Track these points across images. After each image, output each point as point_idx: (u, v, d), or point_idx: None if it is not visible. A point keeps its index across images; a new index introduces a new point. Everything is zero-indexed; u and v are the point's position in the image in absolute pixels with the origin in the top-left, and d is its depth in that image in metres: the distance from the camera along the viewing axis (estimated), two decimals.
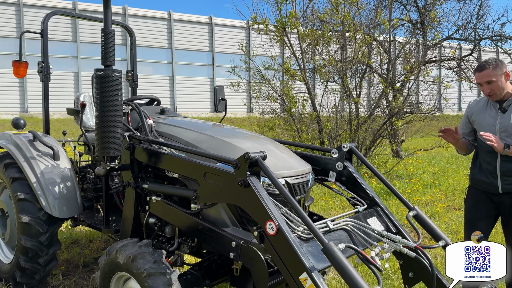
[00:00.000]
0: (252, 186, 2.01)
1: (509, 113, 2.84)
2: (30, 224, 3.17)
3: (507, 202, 2.90)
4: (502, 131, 2.85)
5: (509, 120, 2.83)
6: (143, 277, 2.19)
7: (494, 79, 2.80)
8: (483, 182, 2.97)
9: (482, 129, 2.91)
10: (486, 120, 2.93)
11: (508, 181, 2.86)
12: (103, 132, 2.45)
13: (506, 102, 2.86)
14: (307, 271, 1.79)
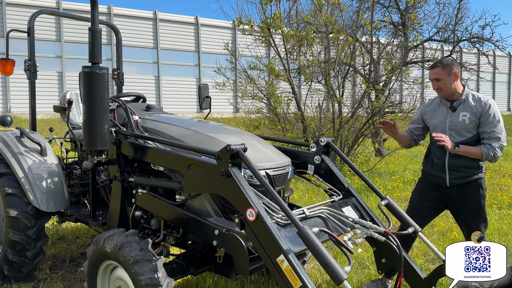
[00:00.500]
0: (234, 176, 2.14)
1: (458, 112, 3.06)
2: (18, 218, 3.23)
3: (453, 195, 3.13)
4: (452, 129, 3.08)
5: (458, 118, 3.05)
6: (129, 264, 2.30)
7: (441, 77, 3.05)
8: (433, 175, 3.19)
9: (435, 127, 3.15)
10: (438, 118, 3.15)
11: (455, 176, 3.09)
12: (91, 127, 2.55)
13: (456, 101, 3.10)
14: (284, 253, 1.93)
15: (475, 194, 3.11)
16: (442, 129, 3.12)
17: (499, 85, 32.61)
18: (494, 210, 5.98)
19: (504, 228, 4.96)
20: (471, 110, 3.04)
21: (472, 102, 3.07)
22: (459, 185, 3.11)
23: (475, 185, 3.11)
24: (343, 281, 1.77)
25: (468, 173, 3.08)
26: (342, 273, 1.77)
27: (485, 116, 3.00)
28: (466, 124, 3.04)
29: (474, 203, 3.12)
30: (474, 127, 3.04)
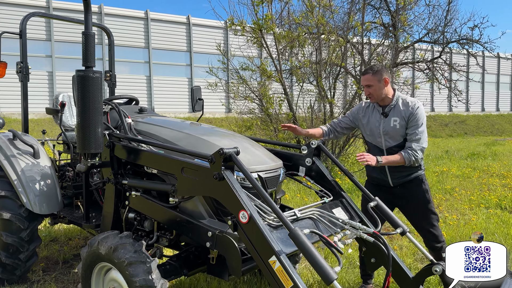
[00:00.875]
0: (226, 179, 2.19)
1: (390, 118, 3.17)
2: (11, 221, 3.25)
3: (399, 194, 3.26)
4: (385, 134, 3.19)
5: (389, 124, 3.16)
6: (124, 265, 2.33)
7: (372, 83, 3.15)
8: (377, 178, 3.30)
9: (369, 131, 3.27)
10: (372, 123, 3.25)
11: (396, 176, 3.20)
12: (84, 130, 2.57)
13: (387, 107, 3.20)
14: (276, 254, 1.98)
15: (418, 190, 3.24)
16: (377, 134, 3.24)
17: (488, 85, 33.05)
18: (482, 209, 6.10)
19: (491, 227, 5.07)
20: (400, 114, 3.15)
21: (401, 106, 3.17)
22: (402, 184, 3.23)
23: (417, 182, 3.24)
24: (333, 281, 1.82)
25: (408, 172, 3.20)
26: (332, 273, 1.83)
27: (411, 119, 3.12)
28: (397, 129, 3.15)
29: (419, 198, 3.24)
30: (405, 131, 3.16)
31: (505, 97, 34.79)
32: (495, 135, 26.66)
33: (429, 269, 2.48)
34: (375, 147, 3.27)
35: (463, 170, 9.87)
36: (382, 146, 3.23)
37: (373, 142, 3.28)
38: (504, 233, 4.83)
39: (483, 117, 30.62)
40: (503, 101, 34.55)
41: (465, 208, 6.21)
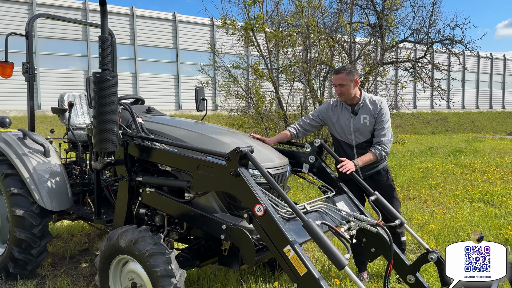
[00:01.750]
0: (242, 175, 2.37)
1: (359, 116, 3.41)
2: (24, 217, 3.35)
3: (370, 185, 3.38)
4: (356, 131, 3.43)
5: (360, 121, 3.41)
6: (145, 257, 2.48)
7: (345, 83, 3.36)
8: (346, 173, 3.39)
9: (340, 129, 3.48)
10: (342, 121, 3.46)
11: (365, 169, 3.44)
12: (101, 129, 2.70)
13: (356, 106, 3.44)
14: (290, 244, 2.17)
15: (385, 179, 3.53)
16: (348, 131, 3.46)
17: (468, 84, 33.92)
18: (466, 203, 6.41)
19: (476, 220, 5.37)
20: (370, 112, 3.40)
21: (369, 105, 3.43)
22: (371, 175, 3.49)
23: (383, 172, 3.53)
24: (345, 266, 2.02)
25: (375, 164, 3.46)
26: (344, 260, 2.03)
27: (378, 115, 3.38)
28: (367, 125, 3.40)
29: (386, 187, 3.51)
30: (373, 127, 3.42)
31: (484, 95, 35.78)
32: (475, 132, 27.45)
33: (425, 257, 2.71)
34: (345, 143, 3.49)
35: (447, 166, 10.25)
36: (352, 142, 3.46)
37: (343, 139, 3.49)
38: (488, 225, 5.13)
39: (464, 114, 31.47)
40: (482, 99, 35.54)
41: (450, 202, 6.52)
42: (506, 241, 4.54)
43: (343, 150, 3.50)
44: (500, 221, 5.32)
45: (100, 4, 2.76)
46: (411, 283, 2.75)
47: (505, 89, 37.30)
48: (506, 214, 5.66)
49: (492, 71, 35.98)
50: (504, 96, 37.30)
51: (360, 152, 3.42)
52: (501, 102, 37.12)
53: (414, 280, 2.74)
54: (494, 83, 36.34)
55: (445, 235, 4.73)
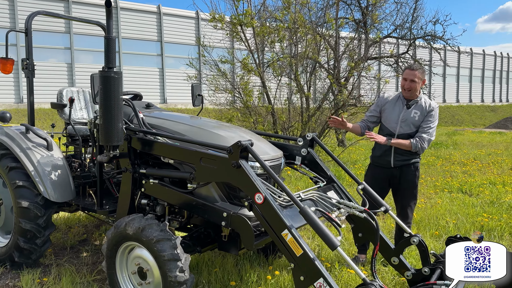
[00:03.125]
0: (243, 167, 2.57)
1: (411, 110, 3.75)
2: (29, 208, 3.49)
3: (395, 174, 3.84)
4: (403, 121, 3.77)
5: (410, 114, 3.75)
6: (152, 243, 2.68)
7: (417, 80, 3.70)
8: (381, 158, 3.85)
9: (389, 118, 3.83)
10: (395, 111, 3.82)
11: (398, 158, 3.77)
12: (107, 124, 2.87)
13: (412, 101, 3.79)
14: (288, 228, 2.39)
15: (412, 174, 3.83)
16: (394, 120, 3.80)
17: (449, 78, 34.71)
18: (446, 193, 6.77)
19: (454, 208, 5.71)
20: (421, 109, 3.75)
21: (423, 104, 3.77)
22: (400, 166, 3.79)
23: (413, 168, 3.83)
24: (337, 247, 2.26)
25: (408, 157, 3.78)
26: (336, 241, 2.27)
27: (428, 116, 3.73)
28: (415, 120, 3.74)
29: (410, 182, 3.83)
30: (419, 124, 3.74)
31: (464, 89, 36.71)
32: (455, 125, 28.21)
33: (408, 241, 2.98)
34: (388, 130, 3.82)
35: (428, 158, 10.65)
36: (395, 131, 3.78)
37: (388, 127, 3.83)
38: (465, 213, 5.48)
39: (444, 108, 32.24)
40: (462, 93, 36.46)
41: (431, 192, 6.87)
42: (481, 228, 4.88)
43: (385, 135, 3.79)
44: (477, 209, 5.68)
45: (106, 5, 2.91)
46: (395, 264, 3.02)
47: (484, 83, 38.33)
48: (482, 203, 6.03)
49: (472, 65, 36.90)
50: (483, 90, 38.33)
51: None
52: (480, 96, 38.14)
53: (398, 261, 3.01)
54: (473, 77, 37.30)
55: (426, 223, 5.04)
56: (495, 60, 39.24)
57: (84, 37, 19.93)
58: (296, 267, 2.37)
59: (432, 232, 4.72)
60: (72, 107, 3.91)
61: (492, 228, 4.81)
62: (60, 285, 3.35)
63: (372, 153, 4.02)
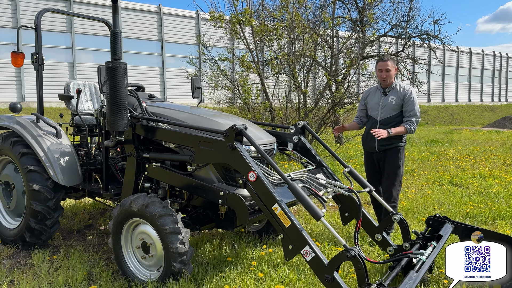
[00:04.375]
0: (238, 148, 2.83)
1: (388, 96, 4.13)
2: (40, 191, 3.76)
3: (380, 157, 4.21)
4: (382, 108, 4.16)
5: (387, 100, 4.13)
6: (155, 218, 2.93)
7: (390, 69, 4.10)
8: (367, 145, 4.27)
9: (372, 107, 4.23)
10: (374, 100, 4.22)
11: (381, 143, 4.14)
12: (113, 111, 3.13)
13: (388, 88, 4.17)
14: (278, 202, 2.65)
15: (394, 156, 4.16)
16: (376, 108, 4.20)
17: (448, 77, 34.98)
18: (437, 185, 7.02)
19: (443, 198, 5.96)
20: (397, 95, 4.11)
21: (398, 89, 4.14)
22: (384, 150, 4.16)
23: (395, 151, 4.16)
24: (321, 217, 2.51)
25: (391, 142, 4.13)
26: (320, 212, 2.52)
27: (406, 100, 4.07)
28: (392, 104, 4.12)
29: (393, 163, 4.16)
30: (398, 107, 4.11)
31: (464, 89, 36.93)
32: (454, 125, 28.44)
33: (390, 219, 3.24)
34: (372, 118, 4.23)
35: (423, 154, 10.90)
36: (377, 117, 4.18)
37: (371, 115, 4.25)
38: (453, 202, 5.73)
39: (443, 107, 32.49)
40: (461, 93, 36.68)
41: (422, 184, 7.12)
42: (467, 215, 5.13)
43: (370, 123, 4.26)
44: (464, 199, 5.93)
45: (112, 2, 3.18)
46: (379, 240, 3.29)
47: (483, 83, 38.56)
48: (470, 194, 6.28)
49: (471, 65, 37.15)
50: (482, 90, 38.57)
51: (382, 126, 4.10)
52: (479, 95, 38.37)
53: (381, 238, 3.27)
54: (472, 77, 37.54)
55: (414, 210, 5.30)
56: (494, 60, 39.49)
57: (85, 36, 20.22)
58: (285, 237, 2.63)
59: (419, 219, 4.97)
60: (79, 98, 4.17)
61: (476, 214, 5.06)
62: (69, 262, 3.61)
63: (362, 140, 4.41)
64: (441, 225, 3.26)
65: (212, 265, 3.46)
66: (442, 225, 3.25)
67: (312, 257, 2.51)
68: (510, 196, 6.00)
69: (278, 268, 3.36)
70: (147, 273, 3.15)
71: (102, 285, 3.16)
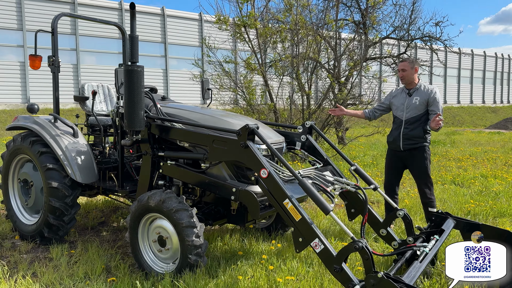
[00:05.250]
0: (250, 146, 2.99)
1: (413, 97, 4.28)
2: (58, 188, 3.92)
3: (406, 157, 4.36)
4: (407, 108, 4.31)
5: (412, 101, 4.27)
6: (172, 212, 3.09)
7: (406, 69, 4.27)
8: (392, 143, 4.41)
9: (397, 107, 4.38)
10: (400, 101, 4.38)
11: (406, 143, 4.28)
12: (131, 112, 3.29)
13: (413, 89, 4.34)
14: (288, 198, 2.80)
15: (420, 156, 4.30)
16: (401, 108, 4.35)
17: (450, 79, 35.08)
18: (439, 185, 7.16)
19: (445, 196, 6.11)
20: (421, 95, 4.27)
21: (422, 89, 4.31)
22: (409, 149, 4.29)
23: (420, 150, 4.30)
24: (330, 211, 2.67)
25: (416, 141, 4.27)
26: (329, 206, 2.68)
27: (432, 99, 4.23)
28: (417, 105, 4.26)
29: (419, 163, 4.31)
30: (422, 107, 4.25)
31: (465, 91, 37.02)
32: (456, 126, 28.55)
33: (394, 214, 3.40)
34: (397, 118, 4.39)
35: None
36: (403, 117, 4.32)
37: (397, 115, 4.40)
38: (455, 201, 5.87)
39: (445, 109, 32.57)
40: (463, 94, 36.78)
41: None
42: (468, 213, 5.28)
43: (395, 123, 4.41)
44: (466, 198, 6.08)
45: (130, 7, 3.35)
46: (384, 235, 3.44)
47: (485, 84, 38.65)
48: (471, 193, 6.43)
49: (473, 67, 37.26)
50: (484, 91, 38.65)
51: (407, 126, 4.26)
52: (481, 97, 38.46)
53: (385, 233, 3.42)
54: (474, 78, 37.63)
55: (417, 208, 5.44)
56: (496, 62, 39.58)
57: (89, 38, 20.45)
58: (296, 230, 2.78)
59: (422, 216, 5.12)
60: (94, 99, 4.34)
61: (477, 212, 5.21)
62: (87, 256, 3.77)
63: (387, 139, 4.57)
64: (443, 220, 3.41)
65: (224, 259, 3.62)
66: (444, 220, 3.40)
67: (322, 249, 2.66)
68: (510, 195, 6.15)
69: (288, 262, 3.52)
70: (163, 265, 3.31)
71: (120, 277, 3.32)
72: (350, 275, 2.54)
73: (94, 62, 21.00)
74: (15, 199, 4.48)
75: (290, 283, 3.08)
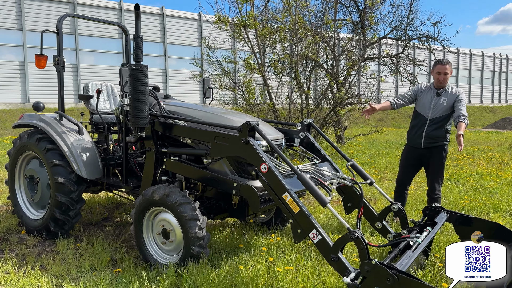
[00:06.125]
0: (251, 142, 3.12)
1: (441, 97, 4.46)
2: (64, 184, 4.05)
3: (425, 154, 4.54)
4: (433, 107, 4.48)
5: (439, 101, 4.46)
6: (176, 206, 3.22)
7: (448, 72, 4.48)
8: (413, 140, 4.58)
9: (423, 105, 4.54)
10: (427, 99, 4.54)
11: (427, 141, 4.47)
12: (135, 109, 3.43)
13: (441, 90, 4.52)
14: (287, 191, 2.93)
15: (439, 154, 4.52)
16: (428, 106, 4.51)
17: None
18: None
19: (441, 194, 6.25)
20: (449, 96, 4.46)
21: (450, 91, 4.50)
22: (429, 147, 4.50)
23: (440, 149, 4.54)
24: (327, 204, 2.80)
25: (436, 140, 4.48)
26: (326, 199, 2.81)
27: (458, 101, 4.41)
28: (444, 105, 4.46)
29: (437, 160, 4.53)
30: (448, 108, 4.44)
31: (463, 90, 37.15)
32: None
33: (389, 208, 3.53)
34: (421, 115, 4.54)
35: None
36: (428, 116, 4.49)
37: (421, 112, 4.55)
38: (450, 197, 6.01)
39: None
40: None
41: (422, 182, 7.40)
42: (462, 208, 5.42)
43: (418, 120, 4.54)
44: (461, 194, 6.22)
45: (135, 9, 3.47)
46: (379, 228, 3.57)
47: (483, 84, 38.83)
48: (466, 190, 6.57)
49: (471, 67, 37.43)
50: (482, 91, 38.83)
51: (431, 125, 4.44)
52: (479, 97, 38.64)
53: (381, 226, 3.55)
54: (473, 78, 37.81)
55: (413, 204, 5.58)
56: (494, 62, 39.78)
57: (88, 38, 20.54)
58: (294, 222, 2.91)
59: (417, 212, 5.26)
60: (99, 98, 4.46)
61: (471, 208, 5.35)
62: (92, 249, 3.90)
63: (407, 135, 4.72)
64: (436, 214, 3.54)
65: (226, 251, 3.75)
66: (437, 214, 3.54)
67: (319, 239, 2.79)
68: (504, 191, 6.29)
69: (287, 253, 3.65)
70: (167, 257, 3.44)
71: (125, 269, 3.44)
72: (346, 264, 2.67)
73: (93, 62, 21.11)
74: (21, 195, 4.61)
75: (289, 272, 3.21)
